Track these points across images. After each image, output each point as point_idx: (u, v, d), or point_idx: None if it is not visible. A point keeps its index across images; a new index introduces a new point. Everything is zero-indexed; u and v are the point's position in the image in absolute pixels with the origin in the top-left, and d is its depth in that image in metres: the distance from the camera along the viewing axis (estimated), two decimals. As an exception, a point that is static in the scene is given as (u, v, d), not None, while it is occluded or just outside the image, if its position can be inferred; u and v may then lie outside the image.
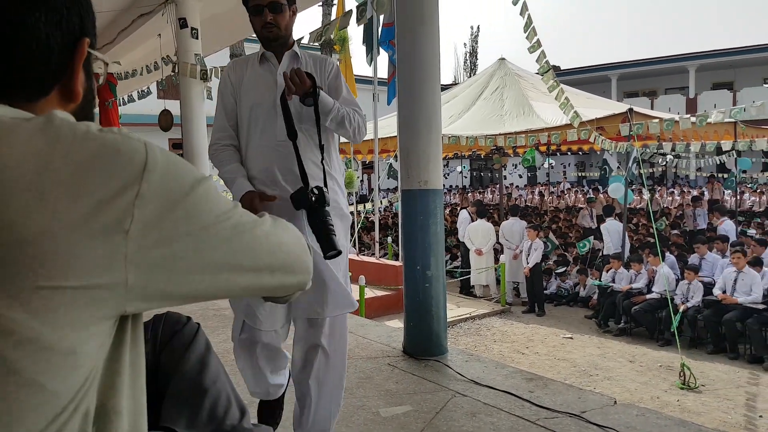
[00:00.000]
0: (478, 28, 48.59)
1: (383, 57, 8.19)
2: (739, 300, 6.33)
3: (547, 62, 6.21)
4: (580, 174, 23.84)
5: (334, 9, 9.15)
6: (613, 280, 7.75)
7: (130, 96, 9.61)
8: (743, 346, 6.24)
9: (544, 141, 9.81)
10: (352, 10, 5.14)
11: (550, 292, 9.06)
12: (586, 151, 18.81)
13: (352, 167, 10.83)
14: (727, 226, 9.34)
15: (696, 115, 8.56)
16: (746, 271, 6.44)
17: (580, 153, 20.24)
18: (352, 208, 8.98)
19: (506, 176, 19.86)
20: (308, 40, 5.42)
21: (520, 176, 25.89)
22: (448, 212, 13.78)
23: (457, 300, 8.58)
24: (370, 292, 7.15)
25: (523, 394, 2.72)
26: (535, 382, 2.91)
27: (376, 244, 9.14)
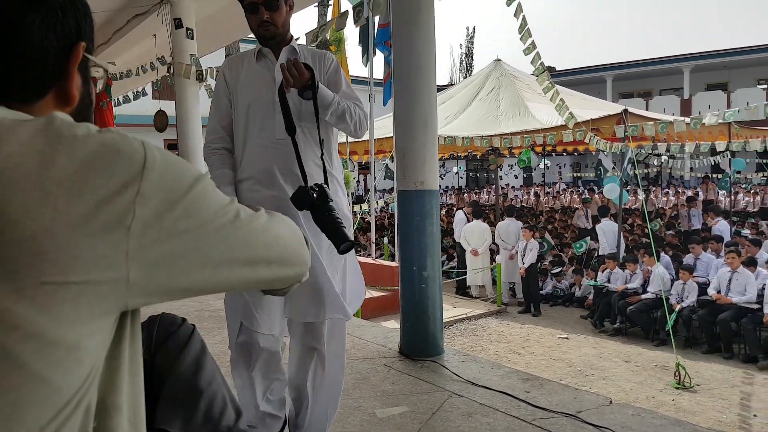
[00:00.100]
0: (474, 29, 48.66)
1: (379, 58, 8.19)
2: (733, 300, 6.36)
3: (542, 64, 6.24)
4: (575, 175, 23.91)
5: (330, 9, 9.14)
6: (609, 281, 7.78)
7: (125, 96, 9.58)
8: (738, 346, 6.26)
9: (540, 142, 9.85)
10: (348, 11, 5.14)
11: (546, 292, 9.08)
12: (581, 152, 18.91)
13: (349, 168, 10.82)
14: (722, 227, 9.39)
15: (691, 117, 8.60)
16: (740, 271, 6.47)
17: (576, 154, 20.34)
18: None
19: (502, 177, 19.93)
20: (304, 41, 5.42)
21: (516, 177, 25.94)
22: (444, 213, 13.81)
23: (453, 300, 8.58)
24: (366, 293, 7.13)
25: (519, 395, 2.72)
26: (531, 383, 2.92)
27: (372, 245, 9.14)
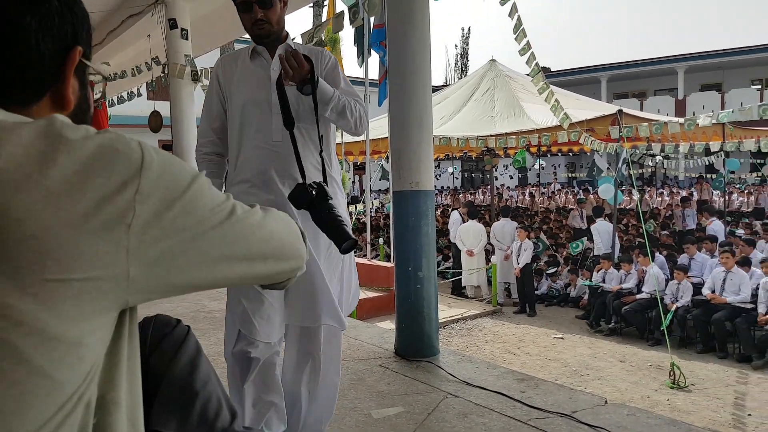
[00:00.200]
0: (469, 29, 48.80)
1: (374, 58, 8.20)
2: (727, 300, 6.39)
3: (537, 64, 6.25)
4: (570, 175, 23.98)
5: (325, 10, 9.13)
6: (604, 281, 7.80)
7: (120, 97, 9.55)
8: (732, 346, 6.29)
9: (535, 142, 9.86)
10: (343, 11, 5.14)
11: (541, 292, 9.09)
12: (576, 152, 18.92)
13: (344, 168, 10.82)
14: (716, 227, 9.43)
15: (685, 118, 8.64)
16: (735, 271, 6.51)
17: (571, 154, 20.34)
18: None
19: (497, 177, 19.94)
20: (300, 41, 5.42)
21: (511, 177, 26.00)
22: (440, 213, 13.81)
23: (449, 301, 8.59)
24: (361, 294, 7.13)
25: (515, 395, 2.72)
26: (526, 383, 2.92)
27: (368, 246, 9.13)
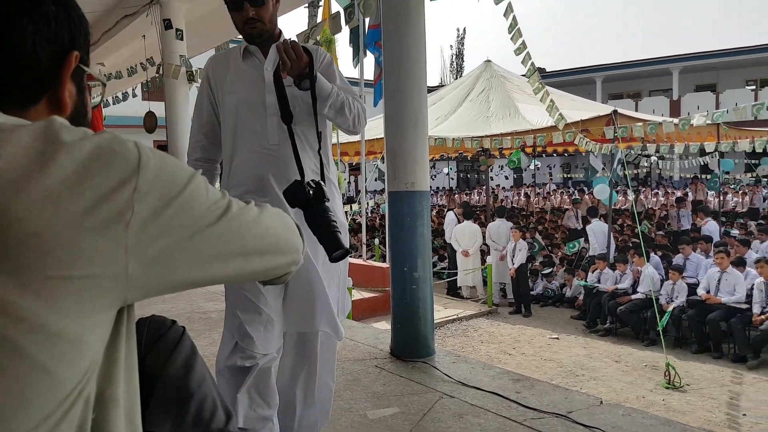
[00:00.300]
0: (464, 30, 48.72)
1: (369, 59, 8.20)
2: (722, 300, 6.41)
3: (532, 64, 6.26)
4: (565, 175, 24.04)
5: (320, 10, 9.13)
6: (599, 281, 7.82)
7: (114, 97, 9.53)
8: (727, 346, 6.32)
9: (530, 143, 9.90)
10: (339, 12, 5.14)
11: (537, 292, 9.11)
12: (571, 153, 19.01)
13: (340, 169, 10.82)
14: (711, 227, 9.47)
15: (679, 118, 8.68)
16: (730, 271, 6.53)
17: (566, 154, 20.46)
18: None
19: (493, 178, 20.00)
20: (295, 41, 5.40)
21: (507, 178, 26.05)
22: (435, 214, 13.83)
23: (444, 301, 8.60)
24: (357, 294, 7.14)
25: (510, 395, 2.73)
26: (521, 383, 2.93)
27: (363, 246, 9.13)
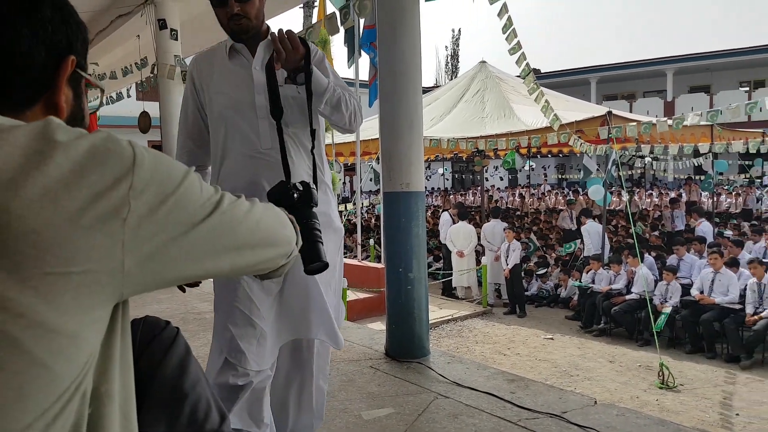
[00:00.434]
0: (460, 30, 48.86)
1: (364, 59, 8.19)
2: (716, 300, 6.44)
3: (527, 65, 6.28)
4: (560, 176, 24.10)
5: (315, 11, 9.12)
6: (593, 281, 7.84)
7: (109, 97, 9.48)
8: (720, 346, 6.35)
9: (525, 143, 9.91)
10: (335, 13, 5.13)
11: (531, 293, 9.13)
12: (566, 154, 19.04)
13: (335, 169, 10.81)
14: (705, 228, 9.51)
15: (673, 118, 8.72)
16: (723, 272, 6.56)
17: (560, 155, 20.47)
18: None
19: (487, 178, 20.01)
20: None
21: (501, 178, 26.09)
22: (430, 214, 13.83)
23: (439, 302, 8.60)
24: (352, 295, 7.13)
25: (505, 395, 2.73)
26: (516, 383, 2.93)
27: (359, 247, 9.13)
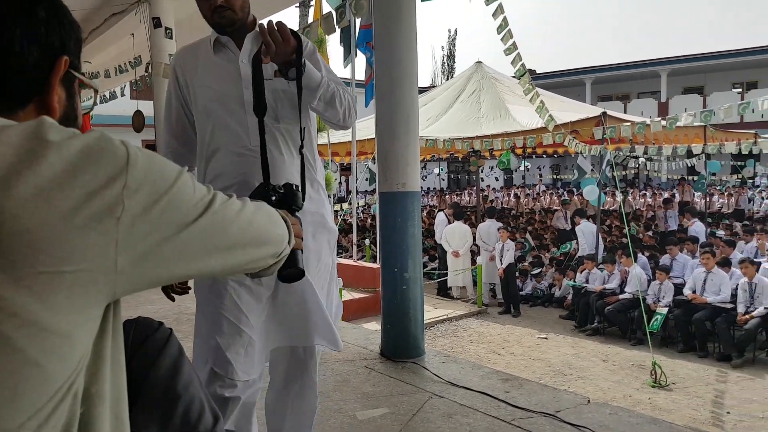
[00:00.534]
0: (456, 31, 48.81)
1: (361, 59, 8.19)
2: (708, 300, 6.48)
3: (523, 65, 6.29)
4: (555, 176, 24.17)
5: (311, 10, 9.11)
6: (587, 281, 7.87)
7: (102, 96, 9.44)
8: (712, 345, 6.39)
9: (520, 144, 9.94)
10: (332, 12, 5.13)
11: (526, 293, 9.16)
12: (561, 154, 19.11)
13: (331, 169, 10.80)
14: (697, 228, 9.56)
15: (666, 118, 8.76)
16: (715, 272, 6.60)
17: (555, 156, 20.55)
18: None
19: (483, 179, 20.06)
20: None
21: (497, 179, 26.13)
22: (426, 214, 13.85)
23: (435, 302, 8.61)
24: (347, 295, 7.14)
25: (499, 395, 2.74)
26: (510, 383, 2.94)
27: (354, 246, 9.13)
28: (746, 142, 11.31)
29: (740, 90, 24.53)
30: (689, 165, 15.37)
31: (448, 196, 19.96)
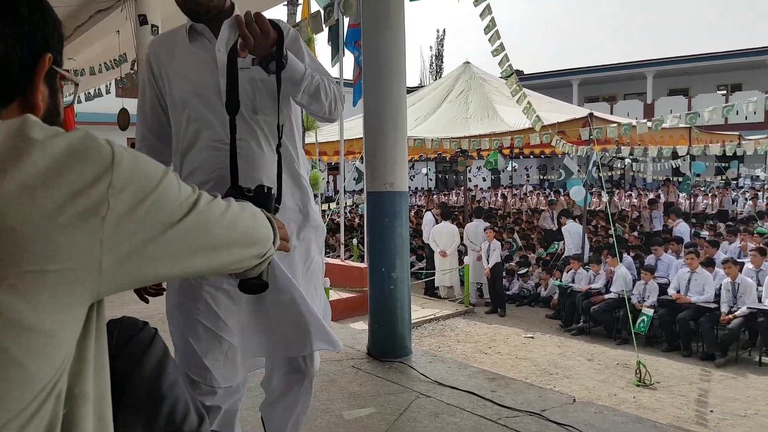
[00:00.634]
0: (444, 31, 48.80)
1: (349, 58, 8.19)
2: (692, 299, 6.56)
3: (510, 66, 6.32)
4: (542, 177, 24.32)
5: (300, 8, 9.08)
6: (573, 281, 7.93)
7: (87, 94, 9.34)
8: (696, 344, 6.46)
9: (508, 144, 9.99)
10: (320, 11, 5.11)
11: (513, 292, 9.21)
12: (548, 155, 19.24)
13: (318, 168, 10.78)
14: (682, 228, 9.68)
15: (652, 119, 8.85)
16: (699, 272, 6.68)
17: (542, 156, 20.67)
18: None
19: (470, 179, 20.12)
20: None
21: (484, 179, 26.23)
22: (413, 214, 13.87)
23: (422, 301, 8.62)
24: (334, 294, 7.12)
25: (486, 394, 2.75)
26: (497, 382, 2.96)
27: (342, 246, 9.12)
28: (730, 144, 11.47)
29: (725, 92, 24.84)
30: (674, 166, 15.55)
31: (435, 196, 20.01)
